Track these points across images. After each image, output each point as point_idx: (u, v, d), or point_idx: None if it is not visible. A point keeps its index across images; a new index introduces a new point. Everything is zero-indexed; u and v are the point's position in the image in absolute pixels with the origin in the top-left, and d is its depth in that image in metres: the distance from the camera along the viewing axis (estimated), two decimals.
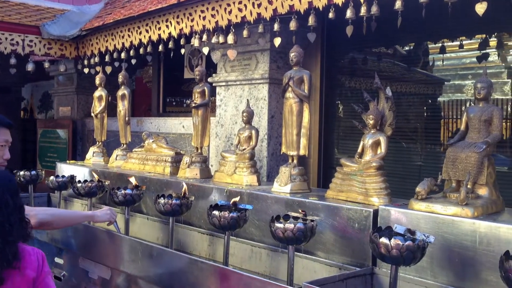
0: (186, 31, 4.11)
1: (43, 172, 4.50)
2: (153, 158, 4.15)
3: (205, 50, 4.08)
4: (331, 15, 3.14)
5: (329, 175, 3.76)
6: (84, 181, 3.80)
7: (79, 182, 3.80)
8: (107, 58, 5.12)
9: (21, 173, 4.35)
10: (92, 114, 4.98)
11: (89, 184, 3.75)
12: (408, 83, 4.30)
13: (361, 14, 3.02)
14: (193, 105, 3.86)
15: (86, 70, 5.56)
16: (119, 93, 4.70)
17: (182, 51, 4.32)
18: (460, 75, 4.04)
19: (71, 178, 4.18)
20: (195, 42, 4.06)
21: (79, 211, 2.97)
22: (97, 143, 4.96)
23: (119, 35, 4.87)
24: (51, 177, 4.17)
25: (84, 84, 6.52)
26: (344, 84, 4.53)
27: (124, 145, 4.73)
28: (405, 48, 4.41)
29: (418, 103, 4.29)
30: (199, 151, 3.90)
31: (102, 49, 5.15)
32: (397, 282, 2.15)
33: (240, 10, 3.61)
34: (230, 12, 3.69)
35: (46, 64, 5.58)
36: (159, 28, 4.38)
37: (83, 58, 5.55)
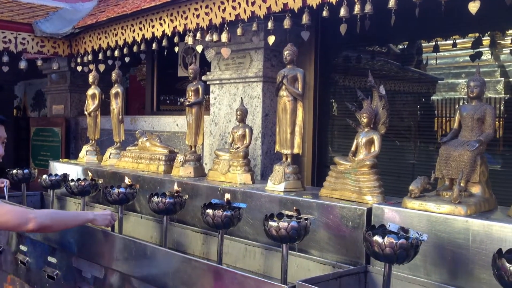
0: (180, 29, 4.09)
1: (36, 171, 4.47)
2: (147, 157, 4.13)
3: (199, 48, 4.07)
4: (325, 14, 3.14)
5: (323, 174, 3.77)
6: (77, 180, 3.78)
7: (72, 181, 3.78)
8: (100, 56, 5.10)
9: (14, 172, 4.32)
10: (85, 112, 4.95)
11: (82, 183, 3.73)
12: (402, 82, 4.31)
13: (355, 13, 3.02)
14: (187, 103, 3.85)
15: (79, 68, 5.54)
16: (113, 91, 4.68)
17: (176, 49, 4.31)
18: (454, 74, 4.05)
19: (64, 177, 4.16)
20: (189, 40, 4.04)
21: (79, 213, 2.93)
22: (91, 142, 4.93)
23: (113, 33, 4.85)
24: (44, 176, 4.14)
25: (78, 82, 6.49)
26: (338, 82, 4.54)
27: (118, 144, 4.71)
28: (399, 47, 4.42)
29: (412, 102, 4.30)
30: (193, 150, 3.90)
31: (95, 47, 5.12)
32: (391, 280, 2.16)
33: (234, 8, 3.60)
34: (224, 10, 3.68)
35: (39, 62, 5.55)
36: (153, 26, 4.36)
37: (76, 56, 5.52)
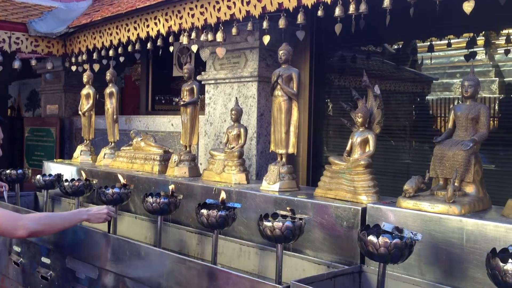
0: (175, 29, 4.08)
1: (30, 171, 4.45)
2: (142, 157, 4.12)
3: (194, 48, 4.06)
4: (320, 13, 3.14)
5: (318, 173, 3.76)
6: (71, 180, 3.76)
7: (66, 181, 3.76)
8: (95, 56, 5.08)
9: (8, 172, 4.30)
10: (80, 112, 4.93)
11: (76, 183, 3.71)
12: (397, 82, 4.32)
13: (350, 12, 3.02)
14: (182, 103, 3.84)
15: (74, 68, 5.51)
16: (107, 91, 4.66)
17: (171, 49, 4.30)
18: (448, 74, 4.07)
19: (58, 177, 4.14)
20: (184, 40, 4.03)
21: (73, 214, 2.84)
22: (85, 142, 4.91)
23: (107, 33, 4.83)
24: (38, 176, 4.12)
25: (72, 82, 6.46)
26: (333, 82, 4.54)
27: (112, 144, 4.69)
28: (394, 47, 4.42)
29: (407, 102, 4.31)
30: (188, 150, 3.88)
31: (90, 47, 5.10)
32: (385, 280, 2.16)
33: (229, 8, 3.59)
34: (219, 10, 3.67)
35: (33, 62, 5.52)
36: (148, 26, 4.35)
37: (71, 56, 5.50)
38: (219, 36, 3.76)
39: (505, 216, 2.26)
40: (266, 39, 3.51)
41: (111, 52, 4.86)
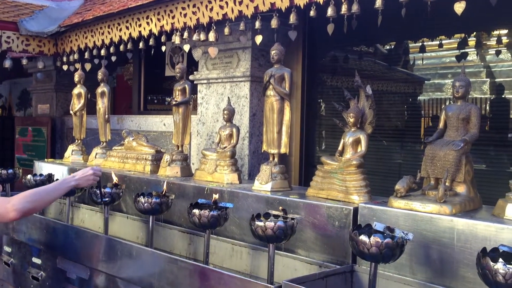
0: (167, 28, 4.07)
1: (21, 171, 4.41)
2: (133, 156, 4.10)
3: (186, 48, 4.05)
4: (312, 13, 3.14)
5: (311, 173, 3.77)
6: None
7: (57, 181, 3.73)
8: (87, 55, 5.05)
9: None
10: (71, 112, 4.90)
11: None
12: (389, 82, 4.33)
13: (342, 13, 3.02)
14: (174, 103, 3.82)
15: (65, 67, 5.48)
16: (99, 91, 4.64)
17: (163, 49, 4.28)
18: (440, 74, 4.09)
19: (49, 177, 4.11)
20: (176, 40, 4.02)
21: (61, 183, 2.75)
22: (76, 141, 4.88)
23: (99, 32, 4.81)
24: (29, 176, 4.09)
25: (63, 82, 6.42)
26: (326, 82, 4.55)
27: (104, 143, 4.67)
28: (386, 47, 4.44)
29: (399, 102, 4.33)
30: (180, 149, 3.87)
31: (82, 46, 5.07)
32: (377, 280, 2.16)
33: (222, 8, 3.58)
34: (211, 9, 3.66)
35: (24, 61, 5.48)
36: (140, 25, 4.33)
37: (62, 55, 5.46)
38: (212, 36, 3.75)
39: (496, 216, 2.27)
40: (259, 39, 3.51)
41: (103, 52, 4.83)
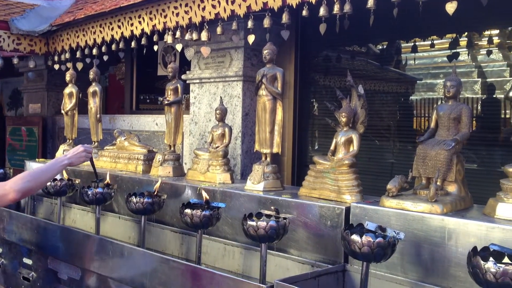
0: (159, 28, 4.05)
1: (11, 171, 4.38)
2: (125, 156, 4.08)
3: (179, 47, 4.04)
4: (305, 13, 3.14)
5: (303, 173, 3.77)
6: (53, 180, 3.71)
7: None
8: (78, 54, 5.03)
9: None
10: (63, 111, 4.87)
11: (59, 183, 3.66)
12: (381, 82, 4.34)
13: (334, 12, 3.03)
14: (166, 102, 3.81)
15: (57, 67, 5.44)
16: (90, 90, 4.62)
17: (155, 48, 4.26)
18: (432, 74, 4.10)
19: None
20: (168, 39, 4.01)
21: (54, 162, 2.75)
22: (68, 141, 4.86)
23: (91, 31, 4.78)
24: None
25: (55, 81, 6.38)
26: (318, 82, 4.55)
27: (96, 143, 4.65)
28: (378, 47, 4.45)
29: (391, 101, 4.34)
30: (172, 149, 3.86)
31: (73, 45, 5.04)
32: (368, 279, 2.17)
33: (214, 7, 3.58)
34: (204, 9, 3.65)
35: (15, 60, 5.44)
36: (132, 24, 4.31)
37: (54, 54, 5.43)
38: (204, 35, 3.74)
39: (487, 215, 2.29)
40: (251, 39, 3.51)
41: (95, 51, 4.80)
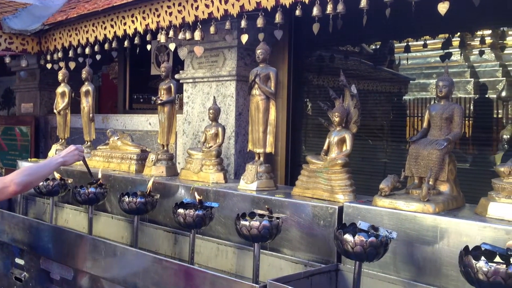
0: (153, 27, 4.04)
1: (3, 170, 4.36)
2: (118, 156, 4.07)
3: (172, 47, 4.03)
4: (298, 13, 3.14)
5: (297, 173, 3.77)
6: (46, 180, 3.69)
7: None
8: (71, 54, 5.00)
9: None
10: (55, 111, 4.85)
11: (51, 183, 3.65)
12: (375, 81, 4.35)
13: (328, 12, 3.03)
14: (159, 102, 3.80)
15: (49, 66, 5.41)
16: (83, 89, 4.60)
17: (149, 47, 4.25)
18: (425, 74, 4.11)
19: None
20: (162, 38, 4.00)
21: (50, 161, 2.86)
22: (60, 141, 4.83)
23: (83, 30, 4.76)
24: None
25: (47, 80, 6.34)
26: (312, 82, 4.55)
27: (88, 143, 4.63)
28: (371, 47, 4.46)
29: (384, 101, 4.35)
30: (165, 149, 3.85)
31: (66, 44, 5.02)
32: (361, 278, 2.17)
33: (207, 6, 3.57)
34: (197, 8, 3.64)
35: (7, 59, 5.40)
36: (125, 24, 4.29)
37: (46, 53, 5.40)
38: (197, 35, 3.73)
39: (478, 214, 2.30)
40: (244, 38, 3.51)
41: (87, 50, 4.78)
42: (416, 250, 2.29)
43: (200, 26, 3.72)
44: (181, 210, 2.73)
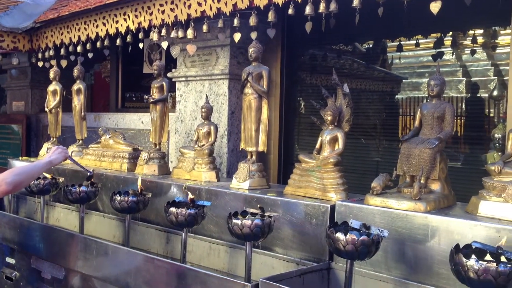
0: (145, 25, 4.02)
1: None
2: (110, 154, 4.05)
3: (164, 45, 4.01)
4: (291, 11, 3.14)
5: (289, 171, 3.76)
6: (37, 179, 3.67)
7: None
8: (63, 52, 4.97)
9: None
10: (46, 109, 4.82)
11: (42, 182, 3.62)
12: (367, 80, 4.36)
13: (320, 11, 3.03)
14: (151, 101, 3.79)
15: (41, 64, 5.37)
16: (74, 88, 4.57)
17: (141, 46, 4.23)
18: (418, 73, 4.13)
19: None
20: (154, 37, 3.98)
21: (37, 162, 2.92)
22: (52, 139, 4.80)
23: (75, 28, 4.73)
24: None
25: (39, 78, 6.30)
26: (305, 80, 4.56)
27: (80, 141, 4.61)
28: (364, 46, 4.47)
29: (377, 100, 4.36)
30: (158, 147, 3.84)
31: (57, 42, 4.99)
32: (353, 277, 2.18)
33: (200, 5, 3.56)
34: (190, 7, 3.63)
35: None
36: (117, 22, 4.27)
37: (37, 51, 5.36)
38: (190, 33, 3.72)
39: (469, 213, 2.31)
40: (237, 37, 3.50)
41: (79, 48, 4.75)
42: (408, 249, 2.30)
43: (193, 25, 3.71)
44: (173, 209, 2.72)
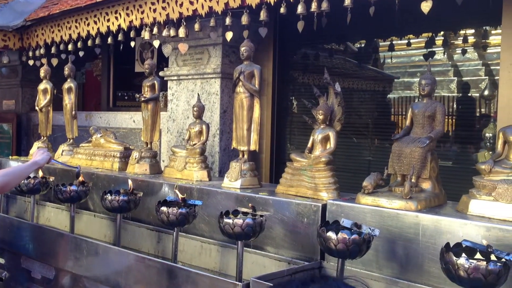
0: (136, 23, 4.00)
1: None
2: (101, 154, 4.02)
3: (156, 43, 3.99)
4: (283, 10, 3.14)
5: (281, 170, 3.76)
6: (27, 178, 3.63)
7: None
8: (53, 50, 4.93)
9: None
10: (37, 108, 4.78)
11: (32, 181, 3.59)
12: (359, 80, 4.37)
13: (312, 10, 3.03)
14: (142, 99, 3.77)
15: (31, 62, 5.33)
16: (65, 86, 4.54)
17: (133, 44, 4.21)
18: (409, 73, 4.14)
19: None
20: (146, 35, 3.96)
21: (24, 164, 2.90)
22: (42, 138, 4.76)
23: (66, 26, 4.69)
24: None
25: (29, 77, 6.24)
26: (297, 80, 4.56)
27: (71, 140, 4.57)
28: (356, 45, 4.47)
29: (369, 99, 4.37)
30: (149, 146, 3.82)
31: (48, 41, 4.95)
32: (344, 275, 2.17)
33: (192, 3, 3.54)
34: (181, 5, 3.62)
35: None
36: (108, 20, 4.24)
37: (28, 50, 5.31)
38: (182, 32, 3.71)
39: (460, 212, 2.32)
40: (229, 36, 3.49)
41: (70, 47, 4.72)
42: (399, 247, 2.30)
43: (185, 23, 3.69)
44: (164, 208, 2.71)
